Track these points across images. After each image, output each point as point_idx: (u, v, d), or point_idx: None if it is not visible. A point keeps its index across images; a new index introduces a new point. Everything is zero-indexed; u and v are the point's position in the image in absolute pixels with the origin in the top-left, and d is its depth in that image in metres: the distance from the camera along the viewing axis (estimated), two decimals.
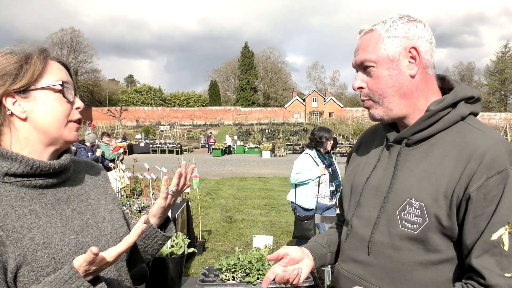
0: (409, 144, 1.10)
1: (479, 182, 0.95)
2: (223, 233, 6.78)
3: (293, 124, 53.53)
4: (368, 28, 1.12)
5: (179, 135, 41.16)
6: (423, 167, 1.04)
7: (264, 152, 27.73)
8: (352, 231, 1.18)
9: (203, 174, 15.35)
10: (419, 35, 1.07)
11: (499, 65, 68.61)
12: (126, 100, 66.44)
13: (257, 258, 2.93)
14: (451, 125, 1.06)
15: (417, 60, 1.07)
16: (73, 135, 1.03)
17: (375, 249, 1.09)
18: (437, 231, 1.00)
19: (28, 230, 0.90)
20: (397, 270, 1.05)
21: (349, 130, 40.08)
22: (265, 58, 78.83)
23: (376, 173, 1.15)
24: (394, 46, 1.07)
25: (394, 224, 1.05)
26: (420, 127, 1.07)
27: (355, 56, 1.14)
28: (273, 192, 11.57)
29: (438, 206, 0.99)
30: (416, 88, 1.09)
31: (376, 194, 1.12)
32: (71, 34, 63.64)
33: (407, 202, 1.03)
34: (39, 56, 0.98)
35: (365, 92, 1.13)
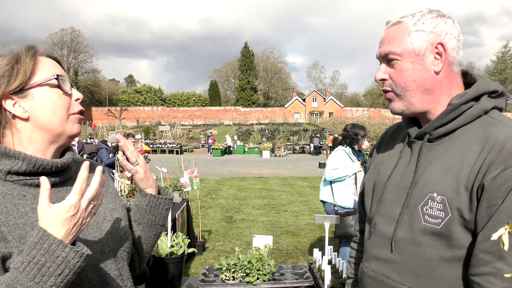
0: (431, 139, 1.09)
1: (495, 172, 0.93)
2: (223, 233, 6.78)
3: (293, 124, 53.52)
4: (396, 20, 1.10)
5: (179, 135, 41.15)
6: (445, 161, 1.03)
7: (264, 152, 27.73)
8: (375, 229, 1.17)
9: (203, 174, 15.34)
10: (447, 31, 1.06)
11: (499, 65, 68.58)
12: (126, 100, 66.42)
13: (257, 258, 2.93)
14: (473, 119, 1.05)
15: (442, 56, 1.06)
16: (76, 127, 1.03)
17: (398, 245, 1.08)
18: (459, 225, 0.98)
19: (30, 228, 0.90)
20: (421, 267, 1.03)
21: None
22: (265, 58, 78.83)
23: (399, 170, 1.14)
24: (421, 40, 1.05)
25: (416, 219, 1.04)
26: (442, 121, 1.06)
27: (379, 47, 1.13)
28: (273, 192, 11.57)
29: (460, 199, 0.97)
30: (440, 84, 1.07)
31: (398, 191, 1.11)
32: (71, 34, 63.67)
33: (429, 196, 1.02)
34: (27, 54, 0.98)
35: (387, 83, 1.12)
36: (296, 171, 17.90)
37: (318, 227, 6.99)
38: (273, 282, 2.88)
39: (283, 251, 5.77)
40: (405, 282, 1.05)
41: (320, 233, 6.69)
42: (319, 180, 14.76)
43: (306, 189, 12.30)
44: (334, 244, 5.92)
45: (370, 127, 41.24)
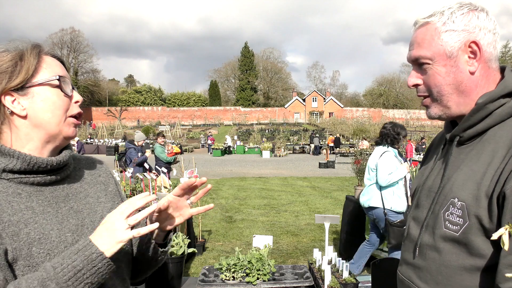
0: (462, 141, 1.04)
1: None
2: (223, 233, 6.78)
3: (293, 124, 53.53)
4: (424, 20, 1.04)
5: (179, 135, 41.15)
6: (473, 165, 0.97)
7: (264, 152, 27.73)
8: (408, 233, 1.15)
9: (203, 174, 15.33)
10: (480, 26, 0.99)
11: None
12: (126, 100, 66.43)
13: (257, 258, 2.93)
14: (505, 118, 0.98)
15: (477, 55, 0.99)
16: (72, 130, 1.03)
17: (421, 250, 1.05)
18: (479, 233, 0.92)
19: (24, 225, 0.90)
20: (441, 273, 1.00)
21: (349, 130, 40.07)
22: (265, 58, 78.82)
23: (433, 173, 1.12)
24: (452, 41, 0.99)
25: (438, 225, 1.01)
26: (470, 122, 1.00)
27: (409, 51, 1.07)
28: (273, 192, 11.57)
29: (479, 206, 0.92)
30: (476, 85, 1.01)
31: (428, 195, 1.09)
32: (71, 34, 63.66)
33: (450, 202, 0.98)
34: (32, 52, 0.98)
35: (421, 89, 1.07)
36: (296, 171, 17.90)
37: (318, 227, 6.99)
38: (273, 282, 2.88)
39: (283, 251, 5.77)
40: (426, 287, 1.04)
41: (320, 233, 6.69)
42: (319, 180, 14.77)
43: (306, 189, 12.30)
44: (334, 244, 5.93)
45: (370, 127, 41.23)
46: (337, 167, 19.36)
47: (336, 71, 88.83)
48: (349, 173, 8.18)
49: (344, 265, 3.29)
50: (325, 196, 10.73)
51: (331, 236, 6.48)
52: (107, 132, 38.85)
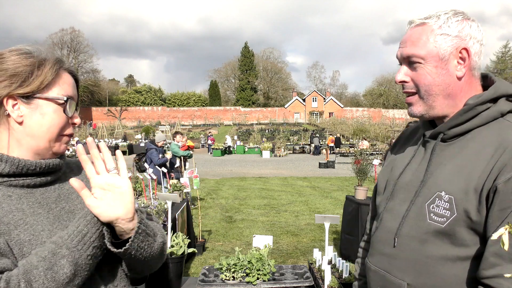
0: (445, 139, 1.08)
1: (508, 174, 0.93)
2: (223, 233, 6.78)
3: (293, 124, 53.52)
4: (420, 21, 1.08)
5: None
6: (457, 162, 1.03)
7: (264, 152, 27.72)
8: (381, 224, 1.18)
9: (203, 174, 15.34)
10: (471, 35, 1.04)
11: (499, 65, 68.56)
12: (126, 100, 66.43)
13: (257, 258, 2.93)
14: (489, 121, 1.04)
15: (466, 62, 1.05)
16: (63, 147, 1.04)
17: (401, 241, 1.08)
18: (465, 225, 0.97)
19: (14, 227, 0.90)
20: (422, 264, 1.03)
21: (349, 130, 40.09)
22: (265, 58, 78.83)
23: (411, 168, 1.15)
24: (446, 44, 1.04)
25: (422, 217, 1.04)
26: (457, 121, 1.05)
27: (401, 48, 1.10)
28: (273, 192, 11.57)
29: (468, 200, 0.97)
30: (461, 89, 1.07)
31: (408, 189, 1.12)
32: (71, 34, 63.66)
33: (436, 195, 1.02)
34: (52, 66, 0.97)
35: (409, 85, 1.10)
36: (296, 171, 17.90)
37: (318, 227, 6.99)
38: (273, 282, 2.88)
39: (283, 251, 5.77)
40: (404, 278, 1.06)
41: (320, 233, 6.69)
42: (319, 180, 14.77)
43: (306, 189, 12.30)
44: (334, 244, 5.93)
45: (370, 127, 41.26)
46: (337, 167, 19.36)
47: (336, 71, 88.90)
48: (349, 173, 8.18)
49: (344, 265, 3.28)
50: (325, 196, 10.73)
51: (331, 236, 6.48)
52: (107, 132, 38.83)
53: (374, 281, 1.16)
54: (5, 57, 0.95)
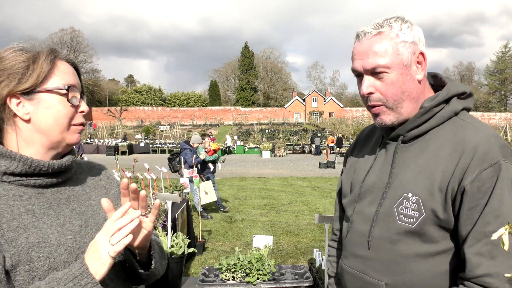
0: (405, 141, 1.12)
1: (473, 175, 0.97)
2: (223, 233, 6.78)
3: (293, 124, 53.51)
4: (376, 30, 1.07)
5: (179, 135, 41.15)
6: (419, 163, 1.07)
7: (264, 152, 27.72)
8: (352, 227, 1.20)
9: None
10: (420, 38, 1.09)
11: (499, 65, 68.58)
12: (126, 100, 66.45)
13: (257, 258, 2.93)
14: (444, 120, 1.09)
15: (423, 64, 1.09)
16: (75, 137, 1.02)
17: (374, 243, 1.11)
18: (433, 224, 1.02)
19: (23, 230, 0.89)
20: (396, 263, 1.06)
21: (349, 130, 40.09)
22: (265, 58, 78.83)
23: (374, 170, 1.17)
24: (406, 51, 1.06)
25: (392, 218, 1.07)
26: (415, 123, 1.09)
27: (360, 60, 1.09)
28: (273, 192, 11.57)
29: (434, 200, 1.01)
30: (422, 91, 1.11)
31: (374, 191, 1.14)
32: (71, 34, 63.71)
33: (404, 197, 1.06)
34: (47, 57, 0.96)
35: (376, 97, 1.10)
36: (296, 171, 17.90)
37: (318, 227, 6.99)
38: (273, 282, 2.88)
39: (283, 251, 5.77)
40: (382, 278, 1.09)
41: (320, 233, 6.69)
42: (319, 180, 14.76)
43: (306, 189, 12.30)
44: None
45: None
46: (337, 167, 19.36)
47: (336, 71, 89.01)
48: None
49: None
50: (325, 196, 10.73)
51: (331, 236, 6.47)
52: (107, 132, 38.84)
53: (351, 282, 1.19)
54: (2, 57, 0.95)
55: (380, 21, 1.09)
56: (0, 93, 0.93)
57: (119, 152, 26.06)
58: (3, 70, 0.93)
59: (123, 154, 26.45)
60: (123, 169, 6.06)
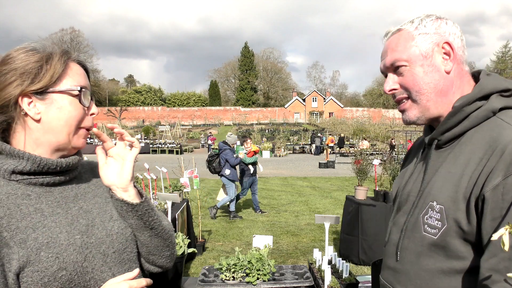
0: (440, 145, 1.06)
1: (495, 180, 0.87)
2: (223, 233, 6.77)
3: (293, 124, 53.52)
4: (395, 28, 1.08)
5: (179, 135, 41.15)
6: (450, 168, 0.99)
7: (264, 152, 27.71)
8: (389, 238, 1.16)
9: (203, 174, 15.30)
10: (449, 31, 1.04)
11: (499, 65, 68.54)
12: (126, 100, 66.46)
13: (257, 258, 2.93)
14: (481, 121, 0.99)
15: (451, 55, 1.03)
16: (81, 142, 1.02)
17: (402, 255, 1.07)
18: (457, 236, 0.93)
19: (32, 230, 0.89)
20: (419, 277, 1.01)
21: (349, 130, 40.08)
22: (265, 58, 78.83)
23: (413, 177, 1.13)
24: (426, 42, 1.03)
25: (418, 229, 1.02)
26: (447, 125, 1.02)
27: (383, 59, 1.10)
28: (273, 192, 11.56)
29: (457, 209, 0.92)
30: (452, 84, 1.04)
31: (409, 199, 1.10)
32: (71, 34, 63.73)
33: (429, 205, 0.99)
34: (60, 58, 0.97)
35: (399, 92, 1.08)
36: (296, 171, 17.90)
37: (318, 227, 6.99)
38: (273, 282, 2.88)
39: (283, 251, 5.77)
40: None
41: (320, 233, 6.69)
42: (319, 180, 14.73)
43: (306, 189, 12.30)
44: (334, 244, 5.92)
45: (370, 127, 41.26)
46: (337, 167, 19.36)
47: (336, 71, 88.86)
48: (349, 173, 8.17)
49: (344, 265, 3.28)
50: (325, 196, 10.73)
51: (331, 236, 6.48)
52: (107, 132, 38.85)
53: None
54: (13, 56, 0.95)
55: (405, 21, 1.08)
56: (13, 92, 0.93)
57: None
58: (15, 70, 0.93)
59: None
60: None
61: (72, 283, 0.90)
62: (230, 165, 7.67)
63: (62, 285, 0.89)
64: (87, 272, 0.93)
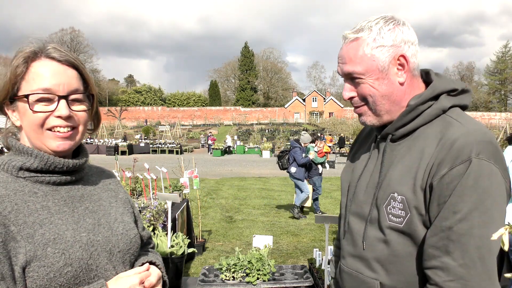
0: (394, 139, 1.12)
1: (442, 171, 0.97)
2: (223, 233, 6.78)
3: (293, 124, 53.52)
4: (353, 36, 1.09)
5: (179, 135, 41.16)
6: (406, 162, 1.07)
7: (264, 152, 27.71)
8: (349, 227, 1.21)
9: (203, 174, 15.33)
10: (405, 40, 1.07)
11: (499, 65, 68.57)
12: (126, 100, 66.49)
13: (257, 258, 2.93)
14: (432, 118, 1.07)
15: (405, 67, 1.08)
16: (56, 144, 0.96)
17: (369, 243, 1.12)
18: (419, 223, 1.02)
19: (39, 226, 0.90)
20: (391, 262, 1.07)
21: (349, 130, 40.08)
22: (265, 58, 78.84)
23: (368, 169, 1.18)
24: (383, 56, 1.06)
25: (383, 218, 1.08)
26: (402, 122, 1.09)
27: (341, 64, 1.13)
28: (273, 192, 11.57)
29: (416, 198, 1.01)
30: (404, 93, 1.10)
31: (367, 191, 1.15)
32: (71, 34, 63.82)
33: (391, 196, 1.06)
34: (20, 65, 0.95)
35: (357, 100, 1.14)
36: None
37: (318, 227, 6.99)
38: (273, 282, 2.88)
39: (283, 251, 5.77)
40: (378, 277, 1.09)
41: (320, 233, 6.69)
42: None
43: None
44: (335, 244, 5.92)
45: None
46: (337, 167, 19.36)
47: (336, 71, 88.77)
48: None
49: None
50: (325, 196, 10.73)
51: (331, 236, 6.48)
52: (107, 132, 38.83)
53: (348, 282, 1.20)
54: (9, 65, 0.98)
55: (363, 24, 1.09)
56: None
57: (119, 152, 26.02)
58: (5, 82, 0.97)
59: (123, 154, 26.41)
60: (123, 169, 6.06)
61: (77, 279, 0.91)
62: (297, 163, 7.65)
63: (67, 281, 0.90)
64: (91, 269, 0.94)
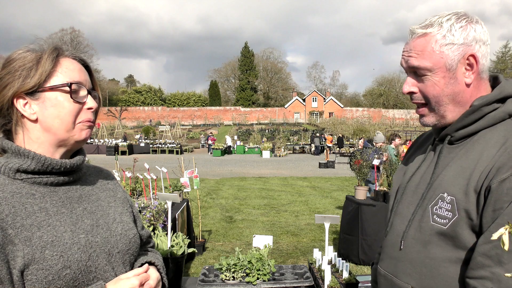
0: (452, 141, 1.07)
1: (504, 175, 0.91)
2: (223, 233, 6.78)
3: (293, 124, 53.53)
4: (422, 31, 1.04)
5: (179, 135, 41.16)
6: (461, 163, 1.02)
7: (264, 152, 27.71)
8: (391, 228, 1.17)
9: (203, 174, 15.34)
10: (477, 39, 1.02)
11: (499, 65, 68.50)
12: (126, 100, 66.44)
13: (257, 258, 2.93)
14: (496, 122, 1.02)
15: (474, 68, 1.03)
16: (84, 134, 1.02)
17: (406, 244, 1.08)
18: (466, 227, 0.96)
19: (37, 228, 0.90)
20: (425, 265, 1.03)
21: (349, 130, 40.06)
22: (265, 58, 78.79)
23: (420, 171, 1.14)
24: (453, 54, 1.02)
25: (426, 218, 1.04)
26: (463, 123, 1.04)
27: (406, 57, 1.08)
28: (273, 192, 11.56)
29: (468, 201, 0.96)
30: (470, 95, 1.05)
31: (416, 191, 1.11)
32: (71, 34, 63.68)
33: (439, 196, 1.02)
34: (49, 56, 0.97)
35: (417, 97, 1.09)
36: (296, 171, 17.90)
37: (318, 227, 6.99)
38: (273, 282, 2.88)
39: (283, 251, 5.77)
40: (409, 281, 1.05)
41: (320, 233, 6.69)
42: (319, 180, 14.74)
43: (306, 189, 12.30)
44: (334, 244, 5.92)
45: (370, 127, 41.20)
46: (337, 167, 19.36)
47: (336, 71, 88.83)
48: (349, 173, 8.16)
49: (344, 265, 3.29)
50: (325, 196, 10.73)
51: (331, 236, 6.48)
52: (107, 132, 38.83)
53: (383, 285, 1.16)
54: (11, 60, 0.97)
55: (433, 19, 1.04)
56: (6, 94, 0.95)
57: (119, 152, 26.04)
58: (11, 73, 0.95)
59: (123, 154, 26.42)
60: (123, 169, 6.06)
61: (76, 281, 0.91)
62: None
63: (66, 283, 0.90)
64: (90, 271, 0.94)
